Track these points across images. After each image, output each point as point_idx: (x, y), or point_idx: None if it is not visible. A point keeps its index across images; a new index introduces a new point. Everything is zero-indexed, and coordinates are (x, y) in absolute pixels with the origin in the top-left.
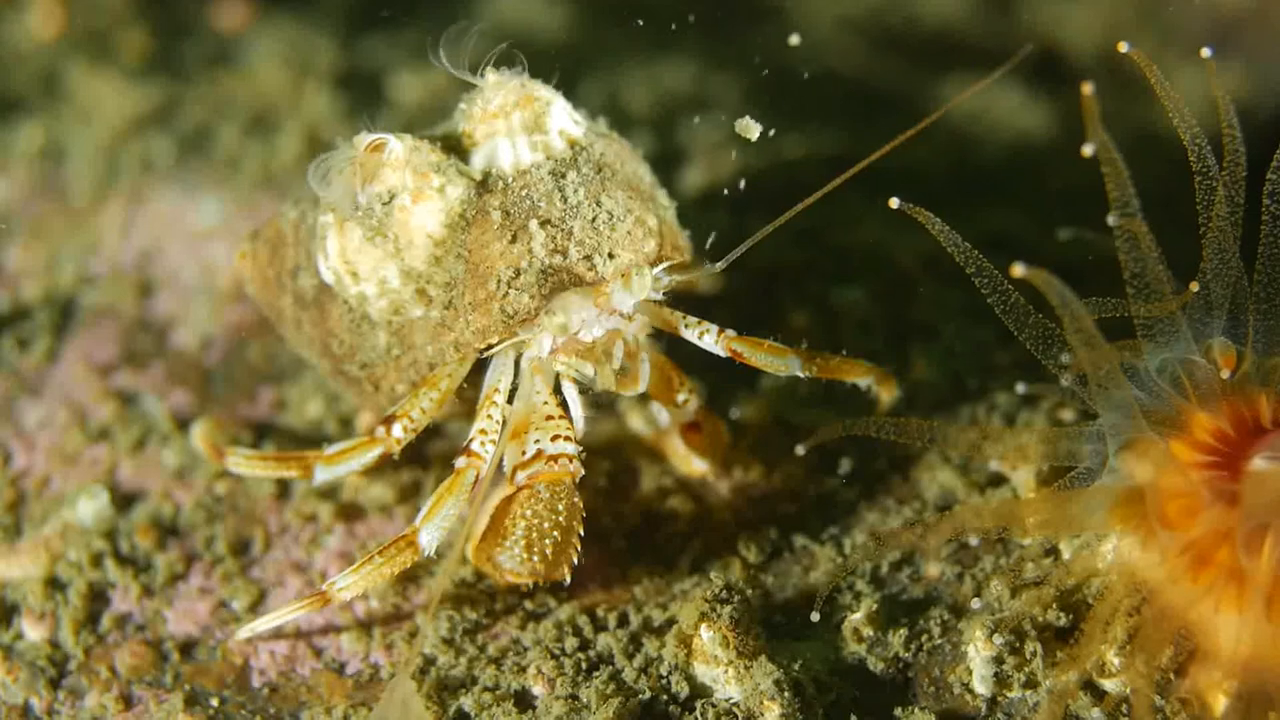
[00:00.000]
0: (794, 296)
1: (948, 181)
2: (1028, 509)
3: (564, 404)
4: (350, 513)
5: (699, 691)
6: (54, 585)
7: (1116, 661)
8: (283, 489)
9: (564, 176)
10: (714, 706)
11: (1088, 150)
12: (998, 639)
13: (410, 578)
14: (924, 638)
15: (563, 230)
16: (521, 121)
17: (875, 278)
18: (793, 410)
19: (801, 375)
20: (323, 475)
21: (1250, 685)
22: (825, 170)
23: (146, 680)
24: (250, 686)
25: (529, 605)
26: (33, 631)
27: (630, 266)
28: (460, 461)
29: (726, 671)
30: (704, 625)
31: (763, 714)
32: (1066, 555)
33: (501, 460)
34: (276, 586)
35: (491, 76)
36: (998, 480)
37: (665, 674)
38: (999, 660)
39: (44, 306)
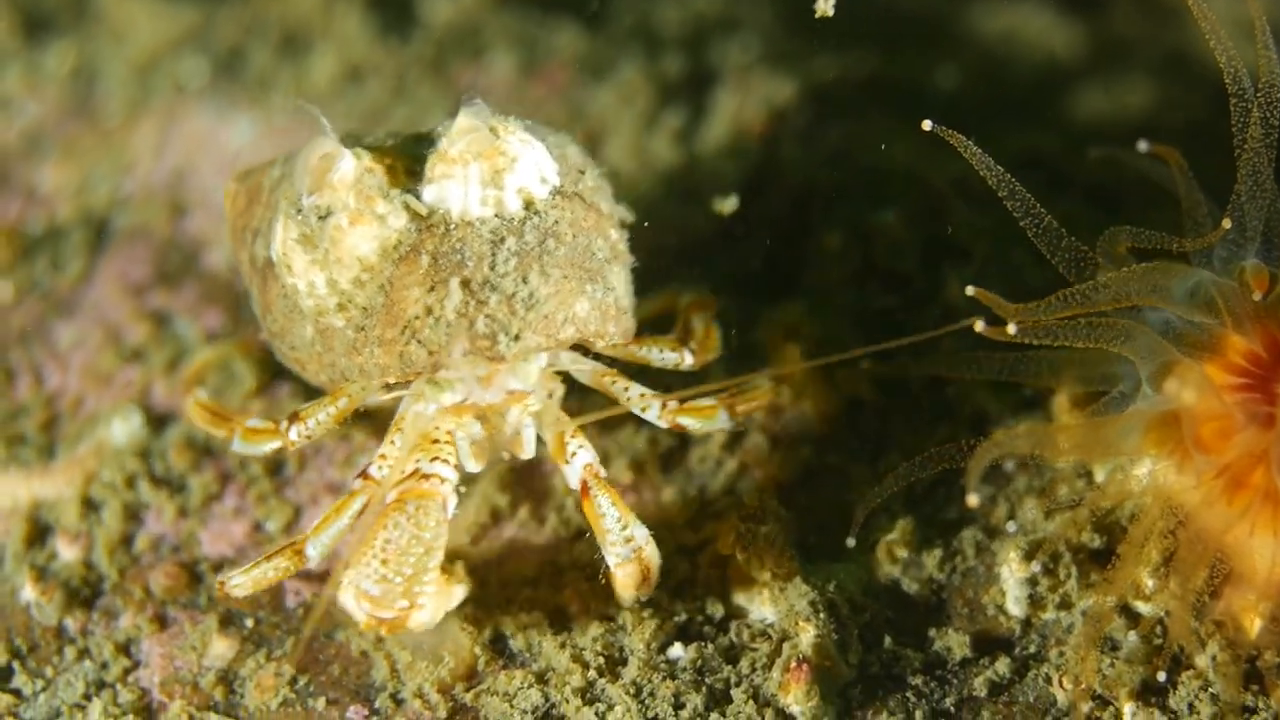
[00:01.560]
0: (826, 219)
1: (978, 103)
2: (1063, 433)
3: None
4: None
5: (734, 613)
6: (88, 506)
7: (1151, 584)
8: None
9: (503, 242)
10: (749, 628)
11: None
12: (1032, 561)
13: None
14: (958, 559)
15: (478, 299)
16: (479, 174)
17: (907, 200)
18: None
19: (729, 428)
20: (237, 446)
21: None
22: (857, 93)
23: (181, 601)
24: (285, 607)
25: (563, 532)
26: (67, 552)
27: (531, 351)
28: (355, 484)
29: (761, 593)
30: (739, 547)
31: (798, 635)
32: (1100, 478)
33: None
34: (311, 506)
35: (463, 120)
36: (1032, 402)
37: (700, 595)
38: (1033, 582)
39: (77, 227)
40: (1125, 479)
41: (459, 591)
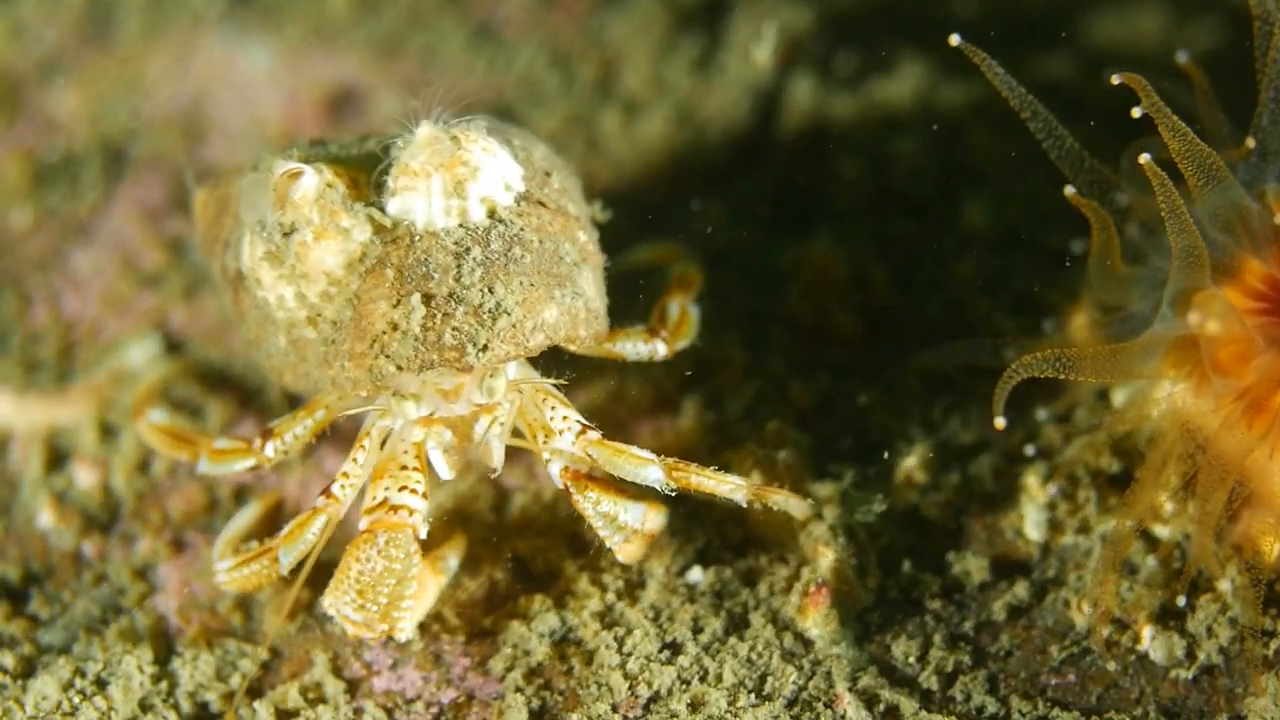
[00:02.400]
0: (842, 147)
1: (994, 30)
2: (1084, 356)
3: (425, 459)
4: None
5: (752, 538)
6: (106, 431)
7: (1170, 508)
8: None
9: (468, 252)
10: (767, 553)
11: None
12: (1051, 485)
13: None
14: (976, 484)
15: (444, 312)
16: (441, 185)
17: (924, 127)
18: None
19: (663, 489)
20: (204, 467)
21: None
22: (874, 21)
23: (199, 526)
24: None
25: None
26: (85, 477)
27: (500, 360)
28: (319, 502)
29: (778, 517)
30: (757, 472)
31: (817, 559)
32: (1119, 402)
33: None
34: (329, 434)
35: (424, 131)
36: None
37: (719, 520)
38: (1052, 506)
39: (94, 154)
40: (1143, 403)
41: (437, 584)
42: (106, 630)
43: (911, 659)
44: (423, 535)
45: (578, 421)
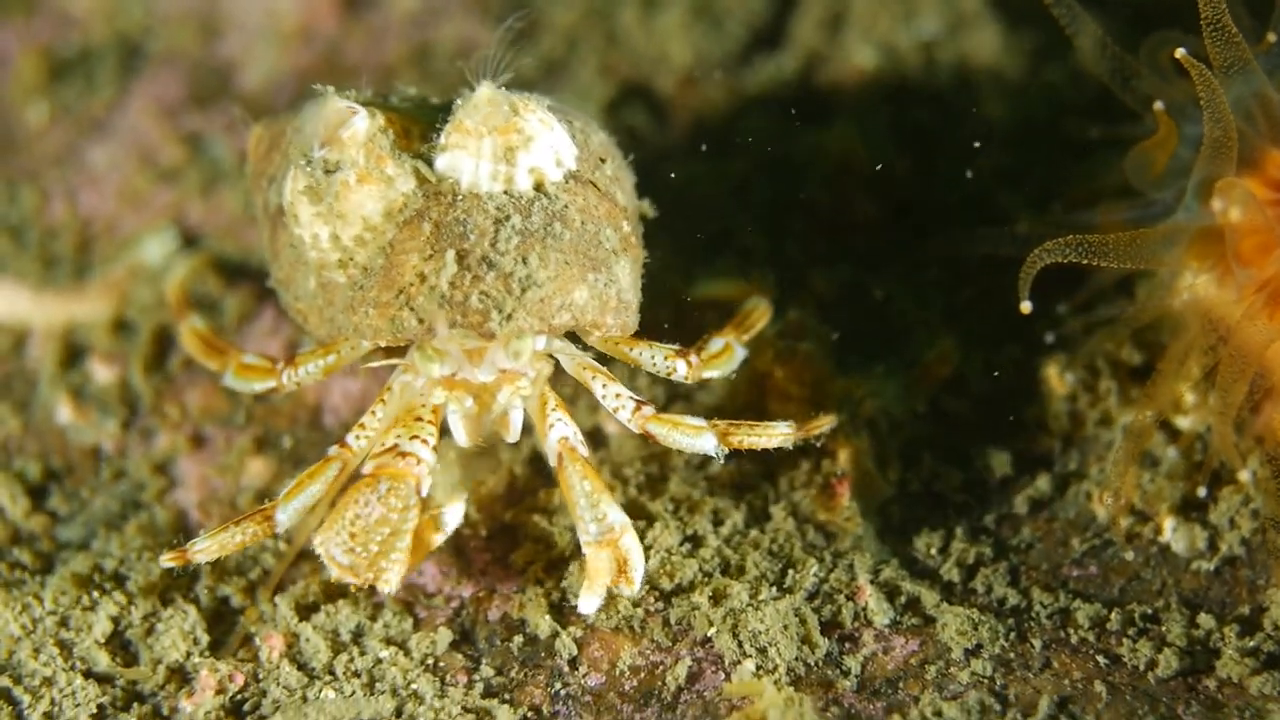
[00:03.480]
0: (859, 35)
1: None
2: (1107, 242)
3: (442, 418)
4: None
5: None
6: (124, 327)
7: (1191, 400)
8: None
9: (508, 219)
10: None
11: None
12: (1071, 377)
13: None
14: (998, 376)
15: (474, 274)
16: (492, 148)
17: (940, 19)
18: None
19: (717, 457)
20: (229, 380)
21: None
22: None
23: (218, 420)
24: (323, 425)
25: None
26: (103, 373)
27: (523, 332)
28: (332, 450)
29: (799, 411)
30: (777, 364)
31: (837, 452)
32: (1141, 294)
33: None
34: None
35: (484, 91)
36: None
37: (740, 412)
38: (1073, 399)
39: (110, 50)
40: (1165, 294)
41: (430, 541)
42: (126, 525)
43: (933, 551)
44: (424, 490)
45: (631, 398)
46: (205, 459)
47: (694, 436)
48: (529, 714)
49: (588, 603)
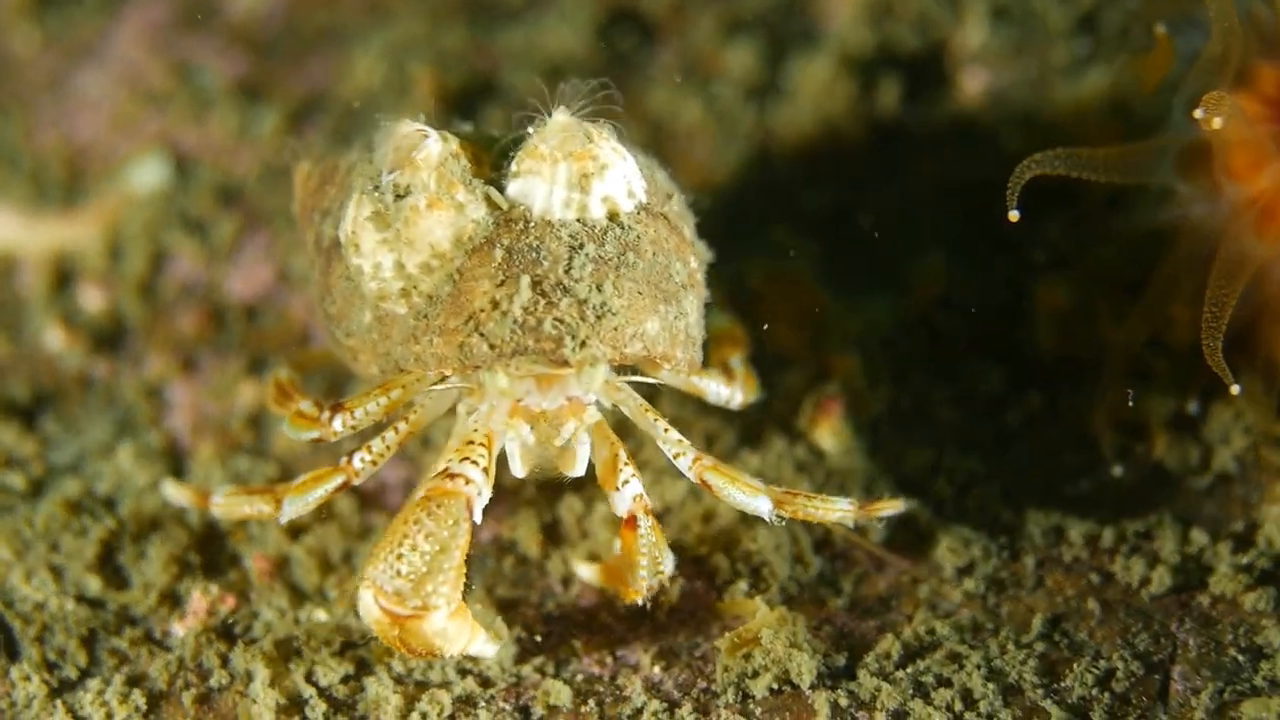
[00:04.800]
0: None
1: None
2: (1098, 155)
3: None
4: None
5: (763, 351)
6: (114, 252)
7: (1182, 316)
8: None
9: (581, 247)
10: (781, 364)
11: None
12: (1062, 293)
13: None
14: (989, 294)
15: (549, 300)
16: (567, 175)
17: None
18: None
19: (770, 520)
20: (285, 428)
21: None
22: None
23: (209, 345)
24: (313, 347)
25: None
26: (93, 297)
27: (597, 360)
28: (341, 460)
29: (791, 331)
30: (768, 283)
31: (830, 371)
32: (1131, 212)
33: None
34: None
35: (560, 118)
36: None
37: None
38: (1064, 316)
39: None
40: (1155, 211)
41: (482, 639)
42: (119, 449)
43: (925, 469)
44: (477, 512)
45: (692, 447)
46: (197, 384)
47: (750, 496)
48: (521, 634)
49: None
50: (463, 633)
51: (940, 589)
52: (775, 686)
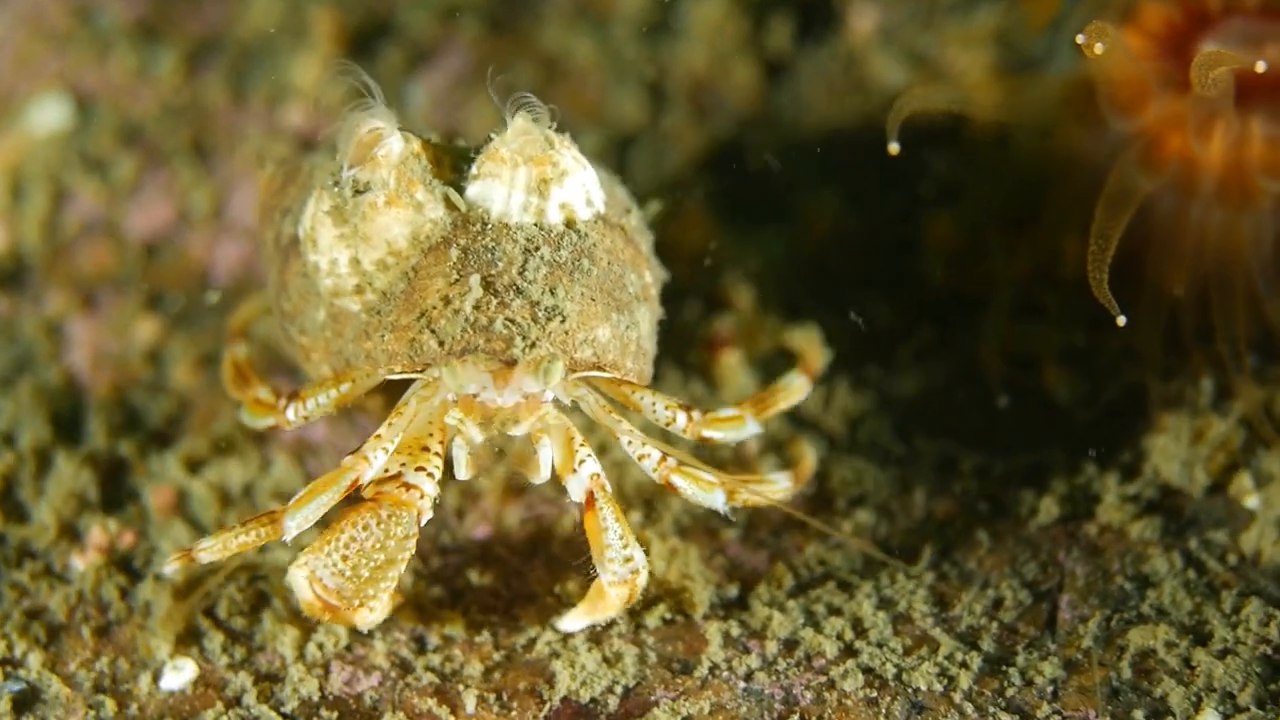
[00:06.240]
0: None
1: None
2: (981, 90)
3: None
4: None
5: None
6: (14, 190)
7: (1071, 249)
8: (237, 97)
9: (537, 250)
10: (677, 297)
11: None
12: (952, 228)
13: None
14: (880, 231)
15: (501, 300)
16: (525, 179)
17: None
18: None
19: (724, 513)
20: (242, 415)
21: (1203, 269)
22: None
23: (110, 282)
24: (212, 284)
25: None
26: None
27: (550, 358)
28: (348, 460)
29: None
30: (666, 220)
31: (726, 303)
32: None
33: None
34: (238, 190)
35: (520, 122)
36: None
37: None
38: (954, 250)
39: None
40: (1042, 146)
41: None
42: (19, 383)
43: (817, 403)
44: (424, 522)
45: (656, 448)
46: (97, 321)
47: (707, 493)
48: (418, 565)
49: (574, 623)
50: (385, 613)
51: (831, 520)
52: (668, 616)
